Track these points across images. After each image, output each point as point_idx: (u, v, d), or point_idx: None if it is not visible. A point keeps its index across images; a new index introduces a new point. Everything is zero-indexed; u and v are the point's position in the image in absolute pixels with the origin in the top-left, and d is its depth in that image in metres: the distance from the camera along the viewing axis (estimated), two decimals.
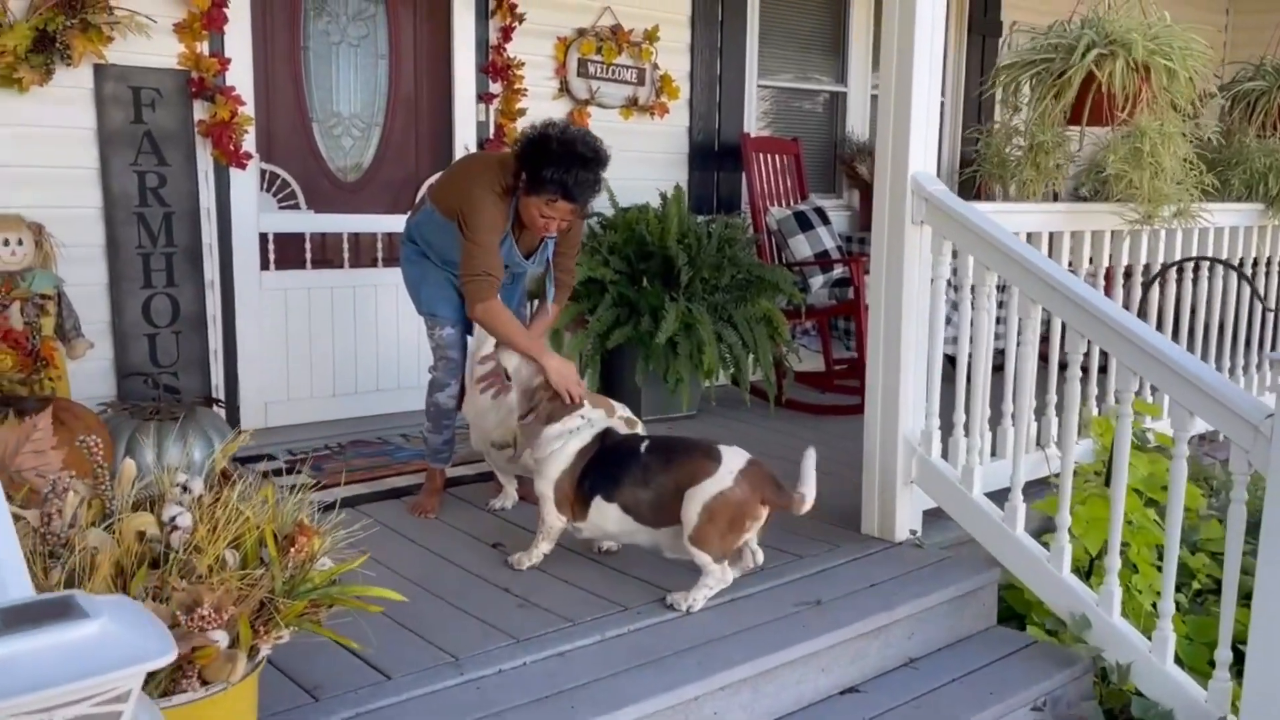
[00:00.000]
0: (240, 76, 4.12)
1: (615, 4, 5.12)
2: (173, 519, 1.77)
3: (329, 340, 4.52)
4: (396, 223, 4.22)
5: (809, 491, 2.79)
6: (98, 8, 3.67)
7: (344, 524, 2.21)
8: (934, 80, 3.22)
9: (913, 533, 3.38)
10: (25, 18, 3.57)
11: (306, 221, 4.44)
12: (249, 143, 4.13)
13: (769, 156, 5.65)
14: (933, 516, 3.42)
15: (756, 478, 2.75)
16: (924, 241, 3.26)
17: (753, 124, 5.86)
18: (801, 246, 5.46)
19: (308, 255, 4.45)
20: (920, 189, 3.19)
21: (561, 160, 3.00)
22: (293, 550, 1.85)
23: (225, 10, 4.00)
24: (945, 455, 3.32)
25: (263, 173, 4.32)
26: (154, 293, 4.00)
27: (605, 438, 2.95)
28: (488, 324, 3.14)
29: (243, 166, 4.10)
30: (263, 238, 4.31)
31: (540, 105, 4.90)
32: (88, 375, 3.86)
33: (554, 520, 2.93)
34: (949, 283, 3.31)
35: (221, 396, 4.22)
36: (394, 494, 3.77)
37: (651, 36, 5.26)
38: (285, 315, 4.40)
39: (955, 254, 3.26)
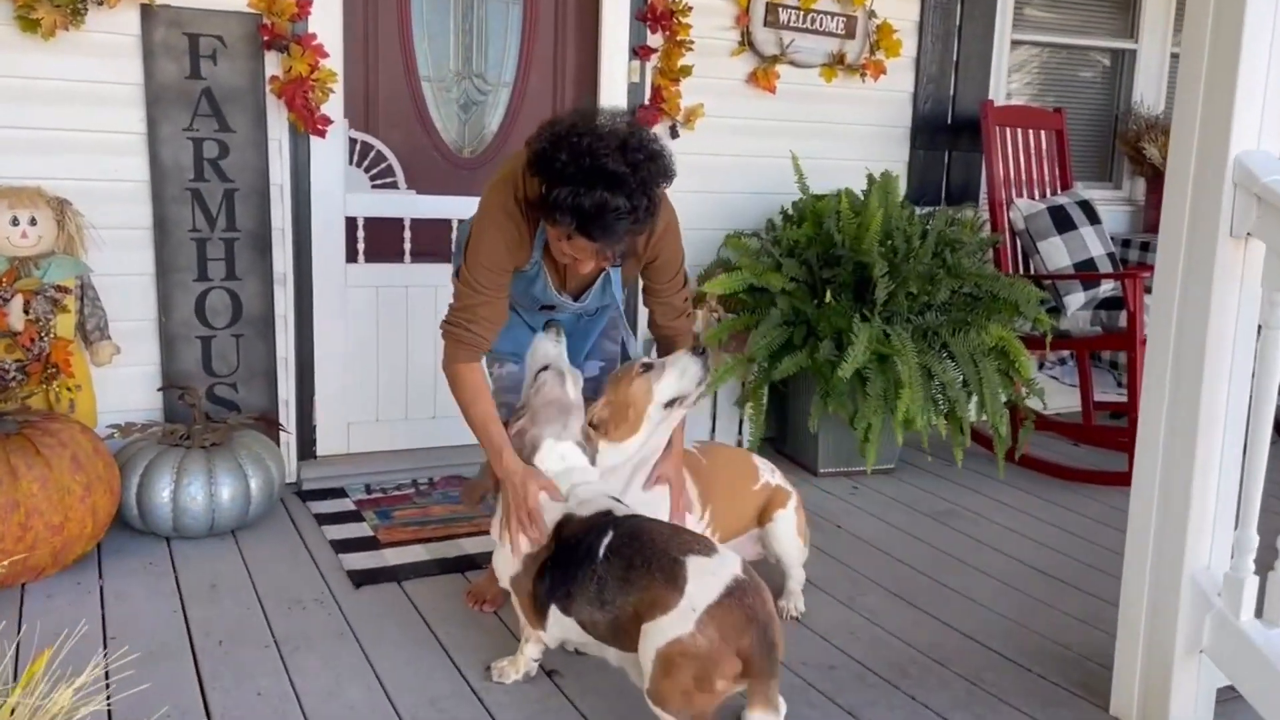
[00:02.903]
0: (326, 23, 3.31)
1: None
2: None
3: (429, 349, 3.66)
4: None
5: None
6: None
7: None
8: None
9: None
10: None
11: (407, 204, 3.60)
12: (334, 105, 3.33)
13: (1019, 132, 4.31)
14: (1230, 694, 2.15)
15: (732, 621, 1.82)
16: (1248, 264, 1.99)
17: (1001, 91, 4.53)
18: (1056, 253, 4.11)
19: (407, 245, 3.61)
20: (1250, 181, 1.91)
21: (572, 177, 2.02)
22: None
23: None
24: (1260, 611, 2.03)
25: (353, 143, 3.51)
26: (210, 286, 3.29)
27: (562, 528, 2.11)
28: (453, 392, 2.29)
29: (321, 134, 3.29)
30: (350, 223, 3.50)
31: (712, 62, 3.84)
32: (124, 384, 3.20)
33: (525, 623, 2.22)
34: None
35: (292, 415, 3.47)
36: (461, 565, 2.89)
37: None
38: (375, 317, 3.59)
39: None
